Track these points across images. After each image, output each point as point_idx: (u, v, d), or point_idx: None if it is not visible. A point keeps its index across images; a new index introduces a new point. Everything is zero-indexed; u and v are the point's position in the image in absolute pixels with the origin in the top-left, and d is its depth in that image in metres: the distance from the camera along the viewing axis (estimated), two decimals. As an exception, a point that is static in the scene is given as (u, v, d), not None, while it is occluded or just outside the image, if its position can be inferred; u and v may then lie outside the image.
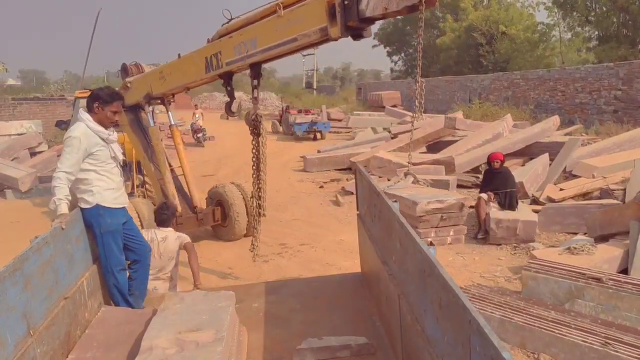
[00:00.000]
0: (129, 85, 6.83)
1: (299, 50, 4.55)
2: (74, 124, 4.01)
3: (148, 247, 4.42)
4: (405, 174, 5.47)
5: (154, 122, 7.30)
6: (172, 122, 7.55)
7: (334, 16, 3.87)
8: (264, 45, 4.53)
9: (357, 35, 4.06)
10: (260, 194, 5.64)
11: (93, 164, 3.94)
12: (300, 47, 4.36)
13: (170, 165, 7.32)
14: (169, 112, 7.40)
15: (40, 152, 16.51)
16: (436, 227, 4.98)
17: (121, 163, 4.27)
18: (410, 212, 4.83)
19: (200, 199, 7.63)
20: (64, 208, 3.65)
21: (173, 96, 6.81)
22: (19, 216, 10.52)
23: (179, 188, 7.42)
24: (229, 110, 5.89)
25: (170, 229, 5.12)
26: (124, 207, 4.18)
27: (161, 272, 4.89)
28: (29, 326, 2.71)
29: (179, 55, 6.00)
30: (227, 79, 5.43)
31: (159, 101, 7.04)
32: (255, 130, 5.41)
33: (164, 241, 4.90)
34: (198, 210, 7.38)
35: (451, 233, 4.95)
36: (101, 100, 3.97)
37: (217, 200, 7.84)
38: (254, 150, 5.52)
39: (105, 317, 3.79)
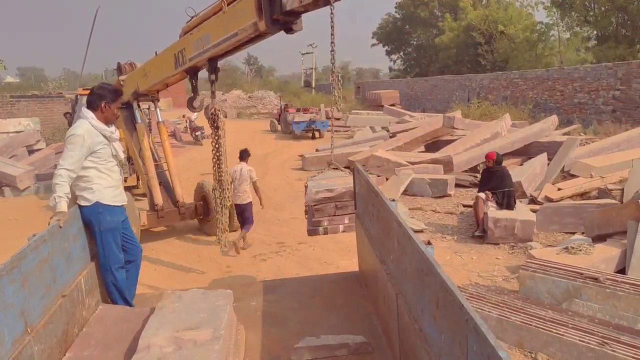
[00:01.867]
0: (122, 83, 6.99)
1: (243, 44, 4.67)
2: (77, 122, 4.00)
3: (140, 248, 4.43)
4: (329, 163, 5.49)
5: (141, 120, 7.50)
6: (160, 119, 7.84)
7: (261, 10, 4.07)
8: (214, 40, 4.73)
9: (288, 29, 4.22)
10: (221, 185, 5.85)
11: (94, 162, 3.94)
12: (241, 41, 4.50)
13: (155, 161, 7.65)
14: (157, 109, 7.68)
15: (38, 150, 16.49)
16: (332, 215, 4.83)
17: (122, 161, 4.30)
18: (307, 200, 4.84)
19: (185, 194, 7.90)
20: (63, 206, 3.64)
21: (157, 92, 7.01)
22: (16, 214, 10.50)
23: (165, 183, 7.71)
24: (190, 106, 6.14)
25: (244, 163, 7.53)
26: (122, 206, 4.18)
27: (241, 188, 7.40)
28: (27, 324, 2.71)
29: (155, 52, 6.22)
30: (192, 74, 5.61)
31: (148, 98, 7.24)
32: (214, 124, 5.64)
33: (240, 170, 7.44)
34: (180, 204, 7.62)
35: (345, 221, 4.86)
36: (108, 99, 4.00)
37: (202, 195, 8.09)
38: (213, 143, 5.82)
39: (102, 315, 3.78)
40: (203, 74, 5.66)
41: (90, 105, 4.02)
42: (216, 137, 5.72)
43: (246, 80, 72.76)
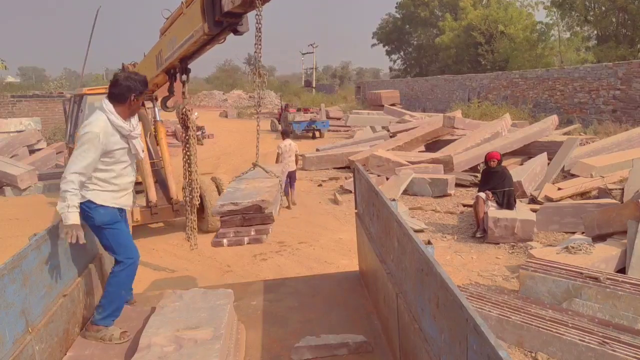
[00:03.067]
0: None
1: (205, 45, 4.69)
2: (94, 116, 3.56)
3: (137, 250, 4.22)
4: (254, 165, 5.53)
5: (142, 118, 7.52)
6: (158, 118, 7.92)
7: (205, 13, 4.14)
8: (179, 42, 4.79)
9: (234, 30, 4.28)
10: (191, 185, 5.89)
11: (104, 163, 3.55)
12: (198, 43, 4.53)
13: (152, 159, 7.81)
14: (155, 108, 7.75)
15: (39, 150, 16.50)
16: (239, 226, 4.78)
17: (141, 158, 3.89)
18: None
19: (178, 191, 7.85)
20: (74, 218, 3.30)
21: (153, 92, 7.00)
22: (18, 213, 10.51)
23: (161, 180, 7.82)
24: (164, 105, 6.21)
25: (288, 139, 10.06)
26: (123, 210, 3.80)
27: (290, 159, 9.81)
28: (28, 323, 2.72)
29: (144, 54, 6.31)
30: (169, 75, 5.66)
31: (146, 97, 7.21)
32: (184, 124, 5.66)
33: (290, 145, 9.93)
34: (174, 201, 7.70)
35: (252, 233, 4.80)
36: (137, 91, 3.62)
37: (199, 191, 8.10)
38: (183, 143, 5.86)
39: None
40: (202, 74, 5.75)
41: (115, 98, 3.60)
42: (186, 137, 5.73)
43: (247, 80, 72.80)
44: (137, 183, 9.28)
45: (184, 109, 5.54)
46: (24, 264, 2.75)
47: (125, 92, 3.58)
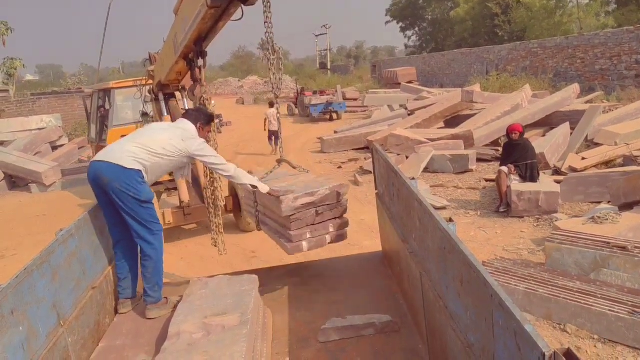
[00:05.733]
0: (152, 73, 6.76)
1: (212, 24, 4.36)
2: (193, 130, 3.99)
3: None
4: (279, 162, 4.65)
5: (168, 112, 7.11)
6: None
7: None
8: (190, 21, 4.45)
9: (242, 0, 3.95)
10: (213, 184, 5.38)
11: (174, 162, 3.90)
12: (206, 20, 4.17)
13: None
14: (184, 100, 7.31)
15: (61, 146, 16.78)
16: (312, 224, 3.93)
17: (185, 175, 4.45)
18: (278, 210, 3.83)
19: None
20: (264, 187, 3.90)
21: (179, 82, 6.51)
22: (44, 210, 10.72)
23: (193, 178, 7.39)
24: (191, 94, 5.72)
25: (274, 109, 10.78)
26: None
27: (274, 121, 12.64)
28: (59, 316, 2.78)
29: (163, 40, 5.84)
30: (188, 60, 5.23)
31: (171, 89, 6.79)
32: None
33: (274, 112, 10.66)
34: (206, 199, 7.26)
35: (330, 229, 4.00)
36: (203, 121, 4.10)
37: (233, 189, 7.75)
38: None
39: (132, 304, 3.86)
40: (217, 62, 5.38)
41: (190, 120, 4.08)
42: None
43: (262, 66, 72.63)
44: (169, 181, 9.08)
45: (202, 97, 5.21)
46: (52, 259, 2.81)
47: (194, 119, 4.07)
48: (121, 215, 3.65)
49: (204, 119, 4.12)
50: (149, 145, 3.71)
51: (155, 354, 2.92)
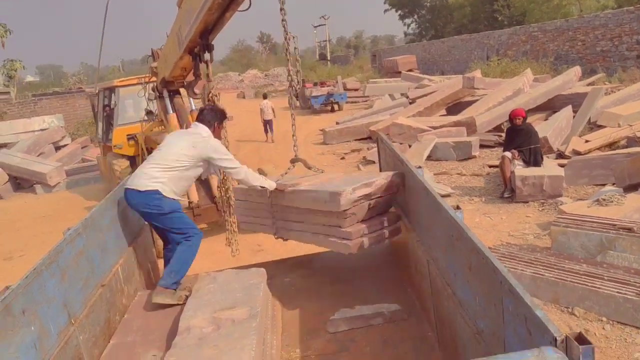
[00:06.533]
0: (155, 70, 6.56)
1: (219, 14, 4.24)
2: (205, 132, 4.02)
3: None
4: (293, 161, 4.49)
5: (173, 110, 6.97)
6: (193, 107, 7.35)
7: None
8: (195, 13, 4.30)
9: None
10: (225, 184, 5.24)
11: (193, 170, 4.00)
12: (212, 10, 4.06)
13: None
14: (190, 97, 7.14)
15: (64, 146, 16.80)
16: (366, 219, 3.61)
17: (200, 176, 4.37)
18: (330, 207, 3.49)
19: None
20: (272, 183, 3.98)
21: (184, 78, 6.31)
22: (50, 210, 10.77)
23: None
24: (191, 92, 5.71)
25: (267, 100, 16.07)
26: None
27: (268, 111, 15.77)
28: (70, 315, 2.80)
29: (166, 34, 5.61)
30: (192, 55, 5.00)
31: (176, 85, 6.59)
32: None
33: (267, 103, 15.69)
34: (217, 200, 6.80)
35: (385, 223, 3.70)
36: (219, 120, 4.17)
37: None
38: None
39: (142, 301, 3.88)
40: (216, 56, 5.21)
41: (205, 121, 4.11)
42: None
43: (261, 59, 72.42)
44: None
45: (210, 94, 4.92)
46: (60, 258, 2.82)
47: (211, 118, 4.13)
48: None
49: (218, 118, 4.16)
50: (162, 162, 3.92)
51: (166, 350, 2.94)
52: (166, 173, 3.87)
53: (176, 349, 2.85)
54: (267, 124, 16.31)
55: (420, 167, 3.73)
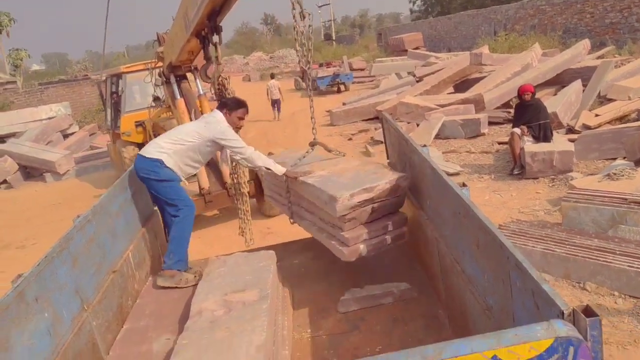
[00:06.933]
0: (161, 55, 6.46)
1: None
2: (219, 115, 4.10)
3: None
4: (312, 144, 4.26)
5: (180, 95, 6.85)
6: (201, 92, 7.19)
7: None
8: None
9: None
10: (237, 171, 5.16)
11: (201, 148, 4.08)
12: None
13: None
14: (197, 81, 7.14)
15: (72, 134, 16.88)
16: (368, 222, 3.41)
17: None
18: (328, 209, 3.33)
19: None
20: (280, 168, 3.95)
21: (191, 62, 6.29)
22: (59, 198, 10.86)
23: (212, 163, 7.00)
24: (204, 75, 5.58)
25: (274, 80, 17.81)
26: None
27: (275, 91, 16.86)
28: (83, 301, 2.83)
29: (172, 17, 5.50)
30: (200, 38, 4.88)
31: (183, 70, 6.58)
32: (221, 95, 4.91)
33: (274, 83, 17.29)
34: (228, 185, 6.84)
35: (389, 227, 3.47)
36: (228, 108, 4.16)
37: (254, 173, 7.26)
38: None
39: (153, 286, 3.92)
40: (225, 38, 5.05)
41: (220, 109, 4.20)
42: None
43: (266, 41, 71.99)
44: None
45: (220, 78, 4.89)
46: (71, 245, 2.84)
47: (221, 107, 4.19)
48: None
49: (229, 106, 4.19)
50: (173, 135, 4.13)
51: (178, 333, 2.97)
52: (173, 146, 4.03)
53: (188, 332, 2.88)
54: (275, 103, 17.21)
55: (425, 145, 3.70)
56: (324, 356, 2.98)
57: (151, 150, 4.05)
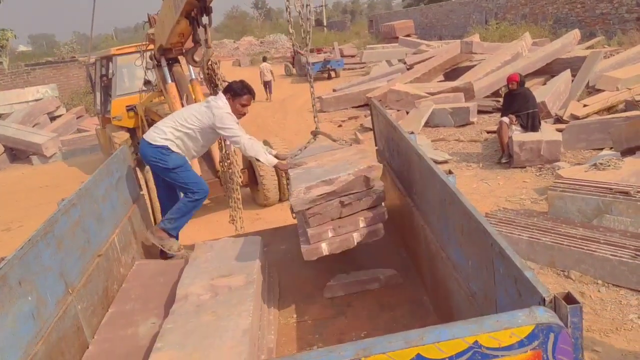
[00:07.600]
0: (152, 37, 6.28)
1: None
2: (221, 101, 4.11)
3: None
4: (314, 134, 4.17)
5: (172, 79, 6.62)
6: (193, 76, 7.07)
7: None
8: None
9: None
10: (229, 158, 5.09)
11: (202, 133, 4.16)
12: None
13: None
14: (189, 65, 6.84)
15: (59, 116, 16.68)
16: (337, 218, 3.18)
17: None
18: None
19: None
20: (273, 160, 3.99)
21: (182, 45, 6.03)
22: (46, 180, 10.77)
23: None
24: (191, 59, 5.54)
25: (266, 63, 18.48)
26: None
27: (268, 72, 17.71)
28: (67, 285, 2.81)
29: None
30: (190, 19, 4.71)
31: (174, 53, 6.32)
32: (211, 80, 4.85)
33: (267, 65, 17.97)
34: (220, 174, 6.48)
35: (360, 224, 3.18)
36: (230, 94, 4.14)
37: (248, 162, 7.19)
38: None
39: (139, 270, 3.90)
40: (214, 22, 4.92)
41: (225, 91, 4.24)
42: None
43: (256, 25, 71.38)
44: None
45: (210, 62, 4.77)
46: (56, 228, 2.82)
47: (224, 92, 4.21)
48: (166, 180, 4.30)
49: (233, 90, 4.16)
50: (174, 120, 4.18)
51: (164, 317, 2.97)
52: (176, 131, 4.12)
53: (174, 315, 2.88)
54: (267, 85, 18.06)
55: (412, 132, 3.71)
56: (310, 341, 3.00)
57: (155, 137, 4.12)
